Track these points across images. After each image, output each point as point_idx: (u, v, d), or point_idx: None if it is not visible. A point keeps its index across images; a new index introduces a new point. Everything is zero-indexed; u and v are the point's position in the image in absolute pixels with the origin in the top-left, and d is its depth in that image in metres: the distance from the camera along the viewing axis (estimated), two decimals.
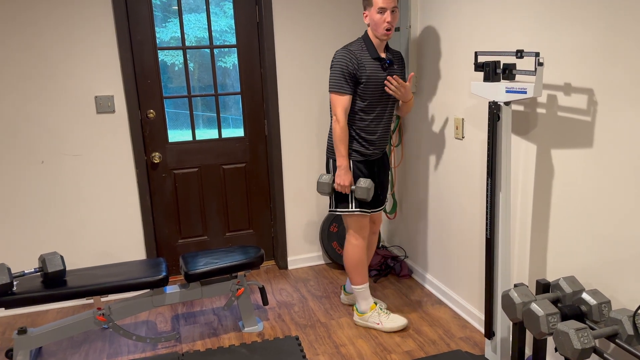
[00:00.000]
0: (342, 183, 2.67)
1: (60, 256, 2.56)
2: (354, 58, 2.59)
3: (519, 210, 2.42)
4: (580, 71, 2.00)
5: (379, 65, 2.65)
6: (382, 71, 2.67)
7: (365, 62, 2.62)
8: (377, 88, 2.66)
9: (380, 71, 2.66)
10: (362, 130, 2.71)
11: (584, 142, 2.02)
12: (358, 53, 2.62)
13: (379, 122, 2.73)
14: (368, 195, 2.66)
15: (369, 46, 2.64)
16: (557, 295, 2.02)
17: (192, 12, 3.35)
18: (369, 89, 2.64)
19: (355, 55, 2.60)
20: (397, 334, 2.81)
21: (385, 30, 2.57)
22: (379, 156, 2.83)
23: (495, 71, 2.16)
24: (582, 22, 1.96)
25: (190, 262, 2.80)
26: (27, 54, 2.97)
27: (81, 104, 3.12)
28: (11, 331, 3.02)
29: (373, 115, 2.70)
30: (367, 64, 2.62)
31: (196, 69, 3.44)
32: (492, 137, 2.19)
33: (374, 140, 2.75)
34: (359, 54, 2.62)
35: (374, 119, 2.71)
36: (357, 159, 2.74)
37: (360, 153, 2.73)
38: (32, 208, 3.15)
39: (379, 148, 2.79)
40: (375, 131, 2.73)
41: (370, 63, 2.63)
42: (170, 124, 3.43)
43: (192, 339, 2.86)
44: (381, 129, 2.75)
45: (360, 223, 2.79)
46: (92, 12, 3.03)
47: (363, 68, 2.61)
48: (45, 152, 3.11)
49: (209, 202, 3.60)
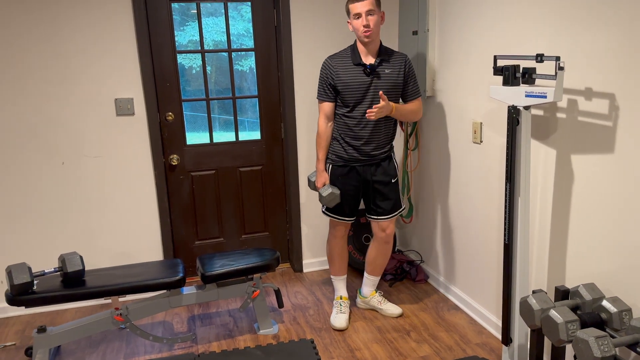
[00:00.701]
0: (317, 184, 2.87)
1: (79, 256, 2.60)
2: (330, 67, 2.74)
3: (538, 215, 2.39)
4: (602, 76, 1.97)
5: (361, 70, 2.69)
6: (364, 76, 2.70)
7: (342, 70, 2.72)
8: (358, 93, 2.71)
9: (362, 76, 2.70)
10: (346, 135, 2.78)
11: (605, 147, 1.99)
12: (338, 61, 2.74)
13: (364, 127, 2.75)
14: (328, 203, 2.81)
15: (354, 52, 2.73)
16: (576, 303, 1.99)
17: (210, 15, 3.38)
18: (348, 94, 2.72)
19: (332, 64, 2.74)
20: (413, 338, 2.80)
21: (364, 34, 2.63)
22: (370, 163, 2.81)
23: (514, 75, 2.14)
24: (603, 26, 1.94)
25: (207, 264, 2.82)
26: (50, 57, 3.03)
27: (101, 106, 3.17)
28: (31, 329, 3.06)
29: (356, 120, 2.75)
30: (346, 71, 2.71)
31: (213, 72, 3.47)
32: (511, 142, 2.17)
33: (359, 146, 2.77)
34: (339, 61, 2.74)
35: (358, 123, 2.75)
36: (337, 163, 2.84)
37: (340, 157, 2.82)
38: (52, 209, 3.20)
39: (367, 155, 2.78)
40: (360, 136, 2.75)
41: (351, 69, 2.71)
42: (188, 126, 3.46)
43: (207, 340, 2.87)
44: (368, 135, 2.75)
45: (332, 222, 2.96)
46: (113, 16, 3.08)
47: (338, 76, 2.72)
48: (66, 154, 3.16)
49: (226, 204, 3.62)
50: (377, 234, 2.93)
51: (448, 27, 2.99)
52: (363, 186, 2.87)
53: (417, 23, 3.22)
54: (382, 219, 2.88)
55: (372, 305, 3.10)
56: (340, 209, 2.88)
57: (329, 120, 2.81)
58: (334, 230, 2.97)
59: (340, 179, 2.84)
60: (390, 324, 2.97)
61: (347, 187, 2.84)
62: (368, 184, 2.85)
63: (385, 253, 2.99)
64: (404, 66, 2.76)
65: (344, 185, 2.84)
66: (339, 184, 2.84)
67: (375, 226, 2.93)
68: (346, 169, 2.83)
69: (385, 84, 2.71)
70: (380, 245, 2.96)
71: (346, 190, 2.84)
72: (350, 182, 2.84)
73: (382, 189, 2.85)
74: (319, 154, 2.85)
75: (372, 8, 2.60)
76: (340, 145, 2.81)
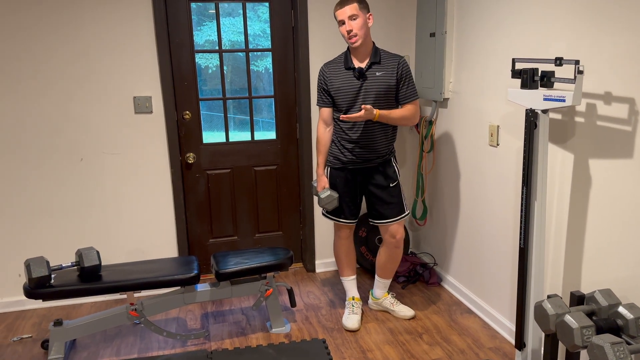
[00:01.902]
0: (317, 188, 2.89)
1: (96, 251, 2.64)
2: (324, 73, 2.81)
3: (554, 220, 2.37)
4: (621, 79, 1.96)
5: (351, 74, 2.73)
6: (355, 80, 2.72)
7: (334, 75, 2.77)
8: (349, 97, 2.74)
9: (353, 80, 2.73)
10: (343, 138, 2.81)
11: (624, 152, 1.97)
12: (332, 67, 2.80)
13: (357, 130, 2.76)
14: (326, 206, 2.83)
15: (346, 57, 2.77)
16: (592, 308, 1.97)
17: (228, 16, 3.41)
18: (340, 98, 2.76)
19: (325, 70, 2.80)
20: (425, 341, 2.79)
21: (349, 40, 2.65)
22: (367, 167, 2.81)
23: (533, 78, 2.13)
24: (623, 30, 1.92)
25: (221, 262, 2.84)
26: (71, 56, 3.08)
27: (120, 104, 3.21)
28: (47, 323, 3.11)
29: (350, 124, 2.77)
30: (338, 76, 2.76)
31: (229, 71, 3.50)
32: (528, 145, 2.16)
33: (355, 149, 2.78)
34: (332, 67, 2.79)
35: (352, 127, 2.77)
36: (335, 166, 2.87)
37: (338, 159, 2.85)
38: (70, 204, 3.25)
39: (364, 158, 2.78)
40: (355, 140, 2.76)
41: (343, 74, 2.75)
42: (204, 125, 3.49)
43: (220, 337, 2.90)
44: (363, 139, 2.75)
45: (335, 225, 3.00)
46: (134, 16, 3.12)
47: (330, 81, 2.77)
48: (85, 150, 3.21)
49: (240, 203, 3.64)
50: (387, 240, 2.92)
51: (466, 30, 2.98)
52: (362, 190, 2.88)
53: (435, 25, 3.22)
54: (385, 223, 2.87)
55: (384, 307, 3.10)
56: (339, 212, 2.89)
57: (327, 125, 2.84)
58: (339, 232, 2.99)
59: (338, 181, 2.86)
60: (403, 326, 2.97)
61: (345, 190, 2.85)
62: (366, 187, 2.86)
63: (396, 258, 2.98)
64: (397, 68, 2.71)
65: (342, 187, 2.85)
66: (338, 186, 2.86)
67: (384, 232, 2.91)
68: (344, 172, 2.84)
69: (376, 87, 2.70)
70: (391, 250, 2.94)
71: (344, 192, 2.86)
72: (348, 185, 2.85)
73: (381, 193, 2.84)
74: (318, 159, 2.87)
75: (355, 13, 2.59)
76: (338, 148, 2.83)
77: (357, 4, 2.60)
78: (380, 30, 3.51)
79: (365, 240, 3.65)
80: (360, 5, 2.61)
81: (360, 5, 2.61)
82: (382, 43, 3.53)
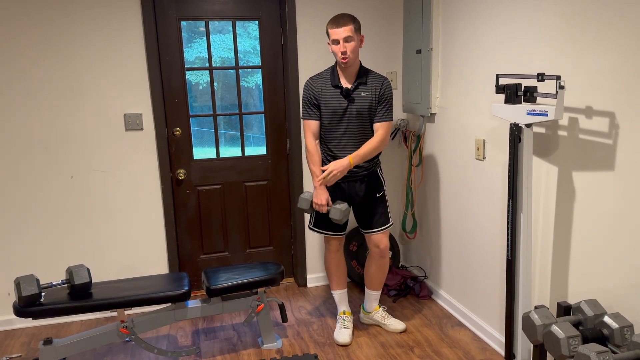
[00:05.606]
0: (317, 202, 2.80)
1: (86, 269, 2.63)
2: (313, 87, 2.81)
3: (540, 232, 2.41)
4: (602, 94, 2.01)
5: (338, 92, 2.77)
6: (342, 98, 2.77)
7: (324, 90, 2.79)
8: (335, 113, 2.79)
9: (340, 98, 2.77)
10: (330, 150, 2.85)
11: (606, 164, 2.02)
12: (320, 81, 2.82)
13: (344, 146, 2.81)
14: (342, 217, 2.76)
15: (333, 74, 2.80)
16: (578, 318, 2.00)
17: (218, 33, 3.45)
18: (326, 113, 2.80)
19: (314, 84, 2.81)
20: (417, 354, 2.80)
21: (342, 60, 2.69)
22: (353, 179, 2.86)
23: (516, 94, 2.18)
24: (603, 46, 1.98)
25: (212, 277, 2.84)
26: (60, 72, 3.10)
27: (111, 121, 3.23)
28: (37, 342, 3.09)
29: (336, 138, 2.81)
30: (326, 92, 2.79)
31: (219, 88, 3.53)
32: (513, 159, 2.20)
33: None
34: (321, 81, 2.81)
35: (339, 142, 2.81)
36: None
37: None
38: (60, 221, 3.24)
39: (350, 171, 2.81)
40: (342, 153, 2.80)
41: (330, 90, 2.79)
42: (195, 141, 3.51)
43: (212, 354, 2.89)
44: (348, 153, 2.79)
45: (325, 237, 2.99)
46: (124, 32, 3.15)
47: (321, 95, 2.79)
48: (75, 168, 3.22)
49: (231, 218, 3.65)
50: (372, 250, 2.96)
51: (451, 46, 3.05)
52: (349, 201, 2.91)
53: (421, 42, 3.28)
54: (371, 232, 2.91)
55: (375, 320, 3.11)
56: (327, 224, 2.91)
57: (316, 137, 2.85)
58: (328, 245, 3.01)
59: (340, 194, 2.88)
60: (394, 339, 2.98)
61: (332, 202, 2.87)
62: (353, 199, 2.89)
63: (382, 267, 3.01)
64: (380, 89, 2.77)
65: (346, 198, 2.88)
66: None
67: (369, 241, 2.95)
68: (332, 185, 2.86)
69: (360, 107, 2.76)
70: (376, 260, 2.99)
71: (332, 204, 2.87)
72: (336, 197, 2.88)
73: (367, 203, 2.89)
74: (314, 170, 2.82)
75: (351, 35, 2.64)
76: (329, 160, 2.86)
77: (352, 26, 2.64)
78: (368, 47, 3.57)
79: (356, 254, 3.67)
80: (355, 26, 2.66)
81: (355, 27, 2.66)
82: (370, 60, 3.59)
